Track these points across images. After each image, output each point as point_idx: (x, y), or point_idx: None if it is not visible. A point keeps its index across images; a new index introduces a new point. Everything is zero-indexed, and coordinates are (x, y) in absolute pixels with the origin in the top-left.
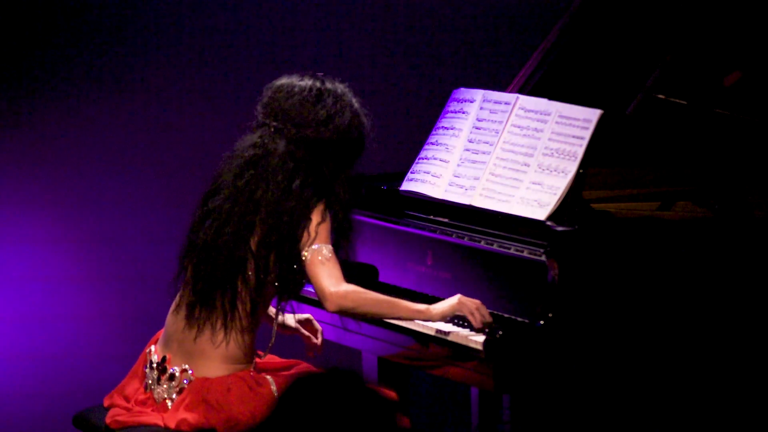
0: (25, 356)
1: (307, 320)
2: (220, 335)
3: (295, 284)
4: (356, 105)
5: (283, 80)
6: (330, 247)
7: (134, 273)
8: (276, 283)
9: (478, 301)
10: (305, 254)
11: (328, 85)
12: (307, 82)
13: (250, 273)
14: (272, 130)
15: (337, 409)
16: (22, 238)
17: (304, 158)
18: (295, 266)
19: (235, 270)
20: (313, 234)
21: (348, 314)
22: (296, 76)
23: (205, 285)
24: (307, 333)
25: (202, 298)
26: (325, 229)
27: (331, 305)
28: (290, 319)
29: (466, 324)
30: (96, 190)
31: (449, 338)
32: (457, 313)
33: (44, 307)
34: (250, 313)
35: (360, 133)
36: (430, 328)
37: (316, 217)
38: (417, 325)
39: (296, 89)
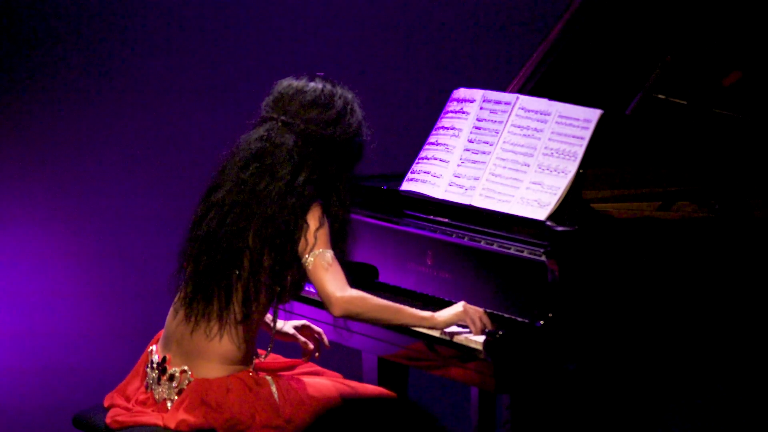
0: (26, 356)
1: (304, 326)
2: (215, 328)
3: (289, 284)
4: (360, 113)
5: (293, 80)
6: (331, 252)
7: (135, 273)
8: (269, 281)
9: (481, 310)
10: (307, 260)
11: (339, 89)
12: (318, 84)
13: (245, 264)
14: (280, 124)
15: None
16: (22, 236)
17: (310, 155)
18: (289, 264)
19: (231, 261)
20: (312, 239)
21: (353, 319)
22: (306, 78)
23: (203, 276)
24: (303, 339)
25: (200, 289)
26: (324, 234)
27: (337, 310)
28: (287, 326)
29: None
30: (96, 190)
31: (449, 338)
32: (460, 322)
33: (44, 307)
34: (243, 304)
35: (361, 140)
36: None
37: (313, 222)
38: None
39: (308, 88)
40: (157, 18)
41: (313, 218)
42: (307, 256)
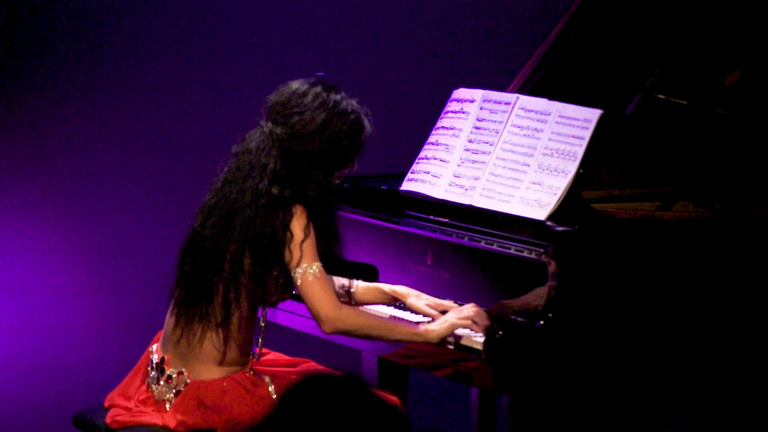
0: (26, 356)
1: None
2: (198, 332)
3: (275, 287)
4: (363, 120)
5: (292, 82)
6: (319, 264)
7: (134, 273)
8: (251, 284)
9: (473, 311)
10: (295, 274)
11: (332, 95)
12: (311, 90)
13: (226, 268)
14: (267, 131)
15: (337, 412)
16: (23, 237)
17: (292, 163)
18: (270, 268)
19: (212, 265)
20: (298, 253)
21: (344, 335)
22: (302, 82)
23: (188, 278)
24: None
25: (185, 292)
26: (310, 246)
27: (327, 327)
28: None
29: None
30: (97, 188)
31: (450, 338)
32: (456, 332)
33: (44, 308)
34: (223, 306)
35: (353, 148)
36: None
37: (299, 233)
38: None
39: (297, 94)
40: (158, 18)
41: (299, 227)
42: (294, 270)
